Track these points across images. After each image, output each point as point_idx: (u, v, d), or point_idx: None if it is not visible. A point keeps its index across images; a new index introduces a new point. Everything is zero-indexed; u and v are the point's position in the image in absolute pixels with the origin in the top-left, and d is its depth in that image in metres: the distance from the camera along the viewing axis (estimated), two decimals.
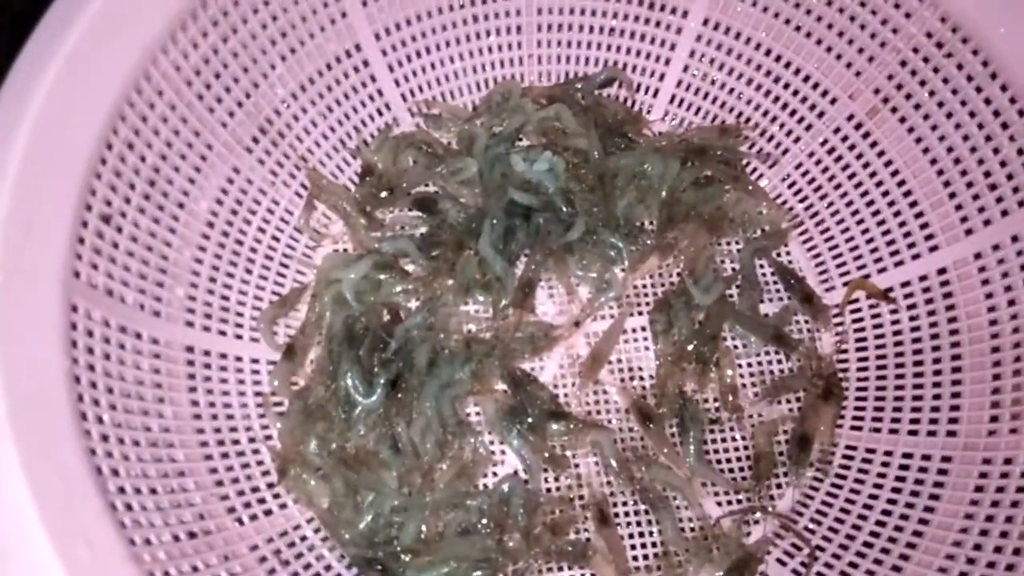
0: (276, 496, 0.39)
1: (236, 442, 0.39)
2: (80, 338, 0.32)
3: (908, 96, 0.43)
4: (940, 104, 0.41)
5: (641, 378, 0.45)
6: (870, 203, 0.45)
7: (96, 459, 0.30)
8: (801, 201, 0.48)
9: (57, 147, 0.33)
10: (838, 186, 0.47)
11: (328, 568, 0.38)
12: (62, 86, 0.33)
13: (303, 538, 0.39)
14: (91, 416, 0.31)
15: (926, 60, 0.41)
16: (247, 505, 0.38)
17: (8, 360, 0.29)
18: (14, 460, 0.27)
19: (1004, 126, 0.39)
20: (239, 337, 0.42)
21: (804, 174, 0.48)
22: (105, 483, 0.30)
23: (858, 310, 0.46)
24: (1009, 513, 0.34)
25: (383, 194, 0.47)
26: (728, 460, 0.44)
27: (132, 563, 0.28)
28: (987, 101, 0.39)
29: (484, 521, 0.40)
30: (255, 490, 0.39)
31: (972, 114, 0.40)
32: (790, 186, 0.48)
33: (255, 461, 0.40)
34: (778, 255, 0.48)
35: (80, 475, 0.29)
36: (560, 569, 0.41)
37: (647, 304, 0.47)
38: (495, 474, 0.43)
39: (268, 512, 0.38)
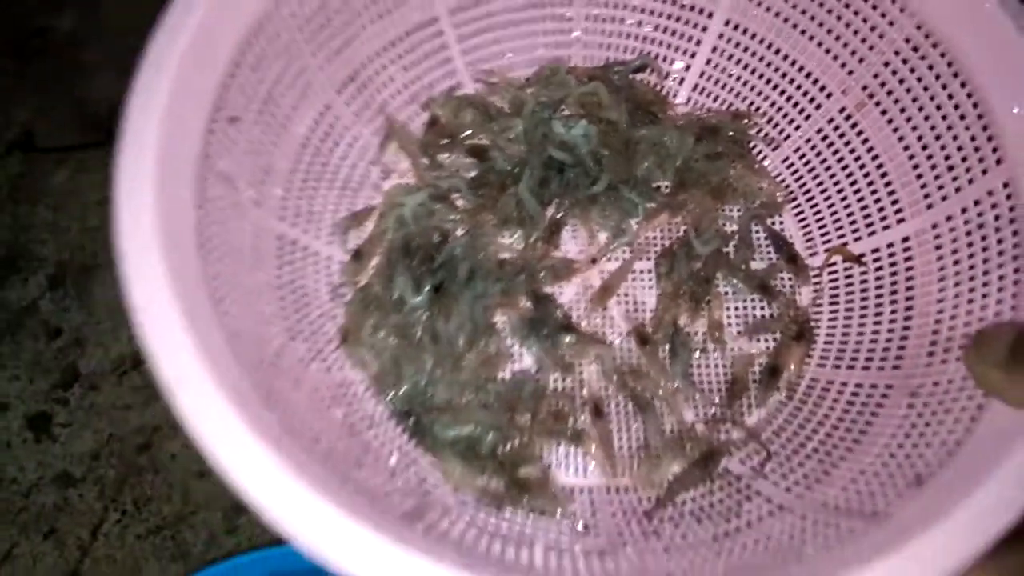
0: (336, 360, 0.49)
1: (308, 314, 0.49)
2: (204, 202, 0.42)
3: (889, 92, 0.51)
4: (914, 99, 0.49)
5: (643, 311, 0.54)
6: (853, 182, 0.53)
7: (211, 286, 0.39)
8: (797, 180, 0.56)
9: (201, 63, 0.42)
10: (828, 167, 0.55)
11: (372, 416, 0.47)
12: (208, 17, 0.42)
13: (355, 393, 0.48)
14: (208, 258, 0.40)
15: (904, 61, 0.49)
16: (313, 359, 0.47)
17: (160, 204, 0.38)
18: (162, 270, 0.36)
19: (962, 117, 0.46)
20: (318, 237, 0.52)
21: (801, 156, 0.56)
22: (216, 304, 0.39)
23: (834, 271, 0.53)
24: (930, 419, 0.41)
25: (443, 141, 0.57)
26: (709, 382, 0.51)
27: (234, 357, 0.37)
28: (950, 96, 0.47)
29: (499, 402, 0.49)
30: (319, 351, 0.48)
31: (938, 107, 0.48)
32: (789, 166, 0.57)
33: (322, 332, 0.49)
34: (772, 223, 0.56)
35: (201, 291, 0.38)
36: (558, 446, 0.49)
37: (655, 251, 0.55)
38: (513, 371, 0.51)
39: (328, 369, 0.48)
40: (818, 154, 0.55)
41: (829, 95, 0.54)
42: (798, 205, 0.56)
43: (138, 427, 0.63)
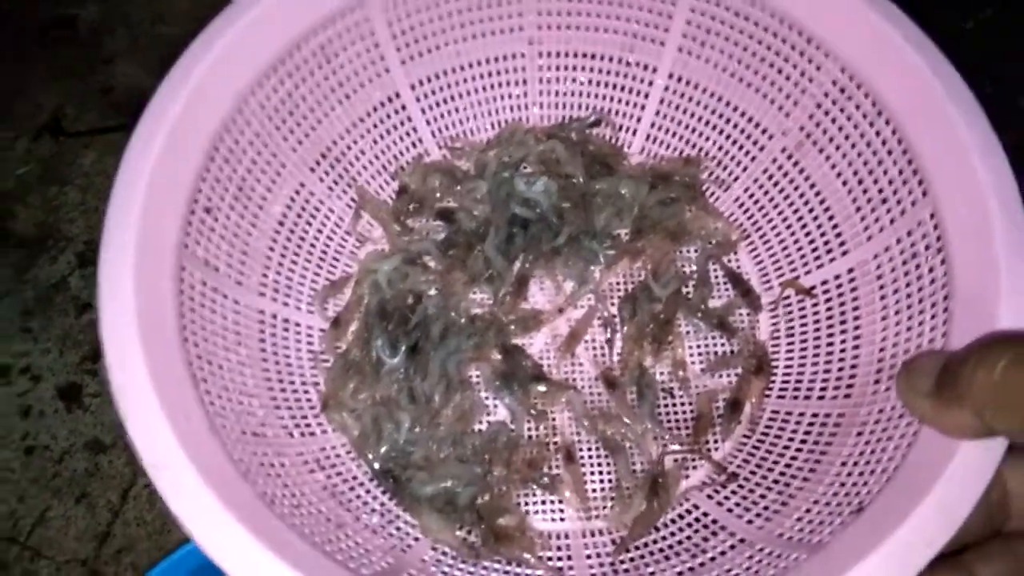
0: (319, 425, 0.52)
1: (292, 383, 0.52)
2: (186, 289, 0.45)
3: (824, 131, 0.53)
4: (847, 137, 0.52)
5: (610, 355, 0.56)
6: (800, 218, 0.56)
7: (192, 368, 0.42)
8: (748, 218, 0.59)
9: (177, 158, 0.46)
10: (776, 205, 0.57)
11: (354, 477, 0.50)
12: (184, 112, 0.45)
13: (337, 455, 0.51)
14: (190, 341, 0.44)
15: (834, 102, 0.52)
16: (296, 426, 0.50)
17: (141, 298, 0.41)
18: (141, 359, 0.40)
19: (889, 152, 0.49)
20: (299, 308, 0.55)
21: (750, 196, 0.59)
22: (198, 385, 0.42)
23: (789, 305, 0.56)
24: (875, 447, 0.44)
25: (413, 207, 0.60)
26: (676, 421, 0.54)
27: (214, 435, 0.40)
28: (877, 133, 0.49)
29: (475, 454, 0.51)
30: (303, 418, 0.51)
31: (868, 144, 0.50)
32: (740, 206, 0.59)
33: (305, 398, 0.52)
34: (728, 260, 0.59)
35: (182, 375, 0.41)
36: (534, 495, 0.51)
37: (618, 297, 0.58)
38: (488, 422, 0.54)
39: (312, 434, 0.51)
40: (766, 193, 0.58)
41: (771, 137, 0.57)
42: (752, 242, 0.59)
43: None
